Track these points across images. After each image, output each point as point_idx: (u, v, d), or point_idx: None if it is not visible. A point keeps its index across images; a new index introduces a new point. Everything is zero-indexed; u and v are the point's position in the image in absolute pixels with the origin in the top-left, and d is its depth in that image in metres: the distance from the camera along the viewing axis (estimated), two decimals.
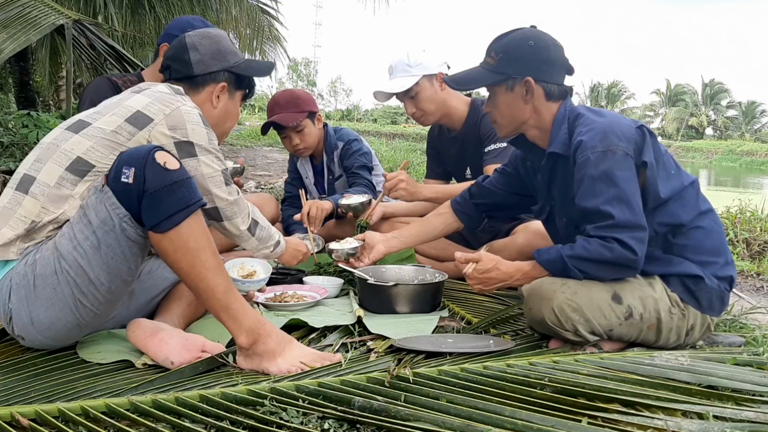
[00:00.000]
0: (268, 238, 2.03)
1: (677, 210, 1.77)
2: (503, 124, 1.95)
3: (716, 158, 35.06)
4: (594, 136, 1.73)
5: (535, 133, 1.93)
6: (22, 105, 6.98)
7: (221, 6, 8.33)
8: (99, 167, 1.61)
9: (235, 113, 2.00)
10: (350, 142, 3.10)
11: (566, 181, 1.84)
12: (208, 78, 1.88)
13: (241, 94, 1.99)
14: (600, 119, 1.78)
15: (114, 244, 1.52)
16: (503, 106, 1.90)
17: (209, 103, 1.90)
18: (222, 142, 2.04)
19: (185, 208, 1.49)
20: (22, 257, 1.56)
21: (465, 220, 2.31)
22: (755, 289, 3.05)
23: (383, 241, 2.29)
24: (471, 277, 1.89)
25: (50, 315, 1.54)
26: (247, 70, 1.95)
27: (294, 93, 3.05)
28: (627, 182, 1.68)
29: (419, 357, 1.67)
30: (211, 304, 1.55)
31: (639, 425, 1.29)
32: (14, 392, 1.41)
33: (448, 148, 2.86)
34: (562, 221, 1.94)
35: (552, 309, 1.71)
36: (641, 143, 1.74)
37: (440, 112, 2.68)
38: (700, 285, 1.76)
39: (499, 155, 2.56)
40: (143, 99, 1.69)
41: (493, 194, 2.24)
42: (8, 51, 4.22)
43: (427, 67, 2.60)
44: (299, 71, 57.05)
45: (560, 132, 1.84)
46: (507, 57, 1.85)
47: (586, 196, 1.71)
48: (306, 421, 1.30)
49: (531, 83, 1.84)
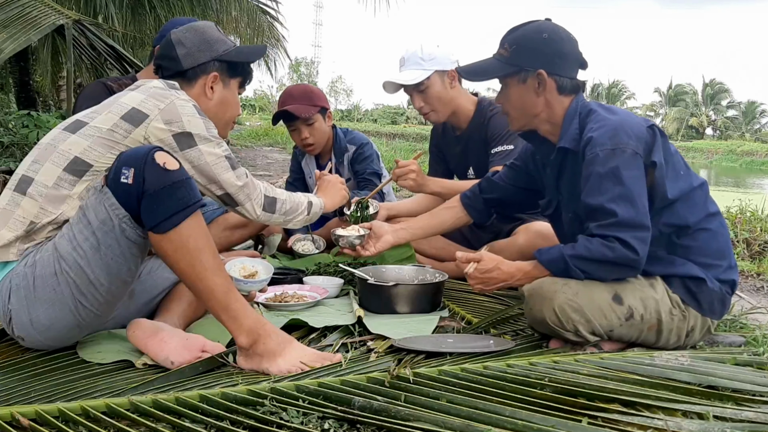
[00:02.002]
0: (295, 209, 1.96)
1: (684, 211, 1.77)
2: (515, 116, 1.94)
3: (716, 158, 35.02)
4: (604, 133, 1.72)
5: (547, 127, 1.92)
6: (22, 105, 6.99)
7: (221, 6, 8.33)
8: (97, 167, 1.60)
9: (234, 102, 1.95)
10: (363, 146, 3.09)
11: (574, 177, 1.83)
12: (198, 70, 1.84)
13: (237, 81, 1.94)
14: (611, 117, 1.78)
15: (114, 245, 1.52)
16: (515, 99, 1.89)
17: (203, 95, 1.86)
18: (227, 135, 2.01)
19: (185, 209, 1.49)
20: (21, 258, 1.56)
21: (474, 215, 2.30)
22: (755, 289, 3.06)
23: (391, 232, 2.27)
24: (472, 277, 1.89)
25: (50, 315, 1.54)
26: (237, 56, 1.91)
27: (308, 87, 3.09)
28: (634, 181, 1.68)
29: (419, 357, 1.67)
30: (211, 304, 1.55)
31: (639, 425, 1.29)
32: (14, 392, 1.41)
33: (451, 146, 2.85)
34: (568, 217, 1.93)
35: (553, 309, 1.71)
36: (651, 143, 1.74)
37: (448, 109, 2.67)
38: (701, 287, 1.76)
39: (506, 157, 2.53)
40: (138, 96, 1.68)
41: (502, 189, 2.23)
42: (8, 51, 4.23)
43: (440, 62, 2.58)
44: (300, 72, 57.07)
45: (571, 127, 1.84)
46: (520, 49, 1.84)
47: (592, 192, 1.71)
48: (306, 421, 1.30)
49: (543, 76, 1.83)
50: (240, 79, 1.95)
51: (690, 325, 1.78)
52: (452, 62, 2.62)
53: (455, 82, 2.64)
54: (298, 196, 1.99)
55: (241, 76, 1.95)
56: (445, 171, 2.97)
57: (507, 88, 1.90)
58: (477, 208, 2.29)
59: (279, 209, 1.90)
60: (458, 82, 2.67)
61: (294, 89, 3.03)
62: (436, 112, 2.66)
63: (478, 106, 2.71)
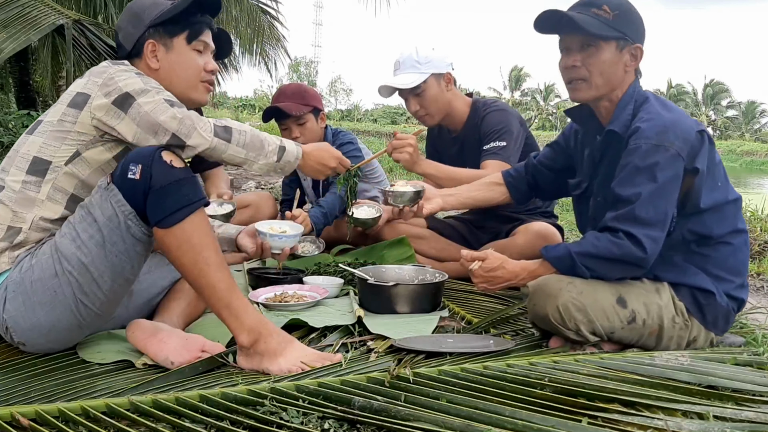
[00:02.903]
0: (258, 145, 1.69)
1: (711, 222, 1.74)
2: (597, 84, 1.78)
3: None
4: (653, 126, 1.68)
5: (607, 105, 1.83)
6: (22, 105, 6.99)
7: (221, 6, 8.32)
8: (55, 162, 1.61)
9: (186, 61, 1.78)
10: (343, 144, 3.05)
11: (614, 162, 1.78)
12: (139, 47, 1.76)
13: (182, 38, 1.77)
14: (664, 113, 1.73)
15: (119, 242, 1.53)
16: (607, 65, 1.76)
17: (148, 68, 1.76)
18: (203, 99, 1.83)
19: (189, 205, 1.51)
20: (15, 265, 1.57)
21: (515, 196, 2.26)
22: (755, 289, 3.06)
23: (441, 196, 2.24)
24: (476, 276, 1.88)
25: (50, 318, 1.55)
26: (169, 12, 1.75)
27: (302, 86, 3.06)
28: (666, 182, 1.65)
29: (419, 357, 1.67)
30: (213, 301, 1.55)
31: (639, 425, 1.29)
32: (14, 392, 1.41)
33: (448, 147, 2.85)
34: (596, 201, 1.88)
35: (556, 307, 1.70)
36: (698, 148, 1.68)
37: (444, 112, 2.66)
38: (709, 300, 1.75)
39: (497, 153, 2.53)
40: (81, 80, 1.66)
41: (540, 171, 2.18)
42: (8, 51, 4.23)
43: (436, 66, 2.58)
44: (299, 71, 57.07)
45: (625, 111, 1.78)
46: (624, 16, 1.75)
47: (623, 183, 1.68)
48: (306, 421, 1.30)
49: (641, 52, 1.76)
50: (184, 34, 1.77)
51: (692, 335, 1.77)
52: (447, 65, 2.61)
53: (451, 84, 2.64)
54: (264, 134, 1.72)
55: (184, 30, 1.77)
56: None
57: (599, 52, 1.75)
58: (519, 188, 2.24)
59: (236, 138, 1.64)
60: (453, 85, 2.66)
61: (288, 87, 3.00)
62: (431, 115, 2.66)
63: (472, 107, 2.70)
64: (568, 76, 1.82)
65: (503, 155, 2.51)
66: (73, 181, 1.64)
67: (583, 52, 1.77)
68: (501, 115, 2.61)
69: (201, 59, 1.80)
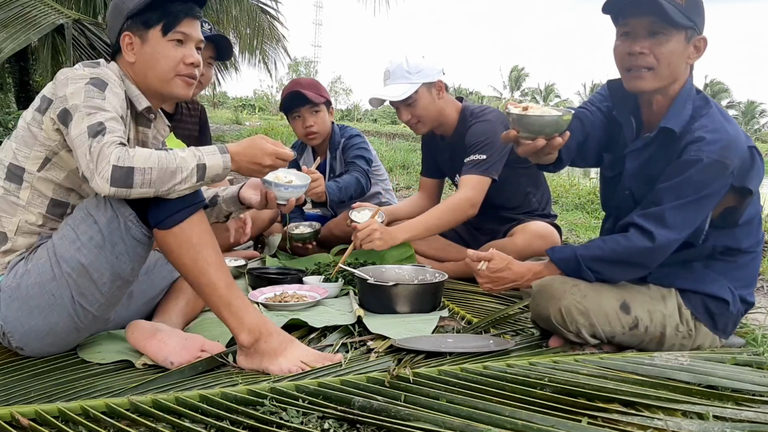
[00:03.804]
0: (169, 176, 1.45)
1: (742, 235, 1.73)
2: (662, 74, 1.66)
3: None
4: (718, 140, 1.60)
5: (660, 99, 1.71)
6: (22, 105, 6.99)
7: (221, 6, 8.33)
8: (28, 167, 1.60)
9: (163, 54, 1.66)
10: (351, 137, 3.14)
11: (657, 160, 1.71)
12: (119, 41, 1.69)
13: (157, 30, 1.65)
14: (728, 125, 1.65)
15: (119, 243, 1.53)
16: (675, 56, 1.64)
17: (126, 63, 1.69)
18: (186, 94, 1.73)
19: (189, 206, 1.52)
20: (8, 271, 1.58)
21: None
22: (755, 289, 3.05)
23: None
24: (482, 276, 1.88)
25: (48, 321, 1.55)
26: (144, 2, 1.65)
27: (315, 80, 3.15)
28: (708, 195, 1.61)
29: (419, 357, 1.67)
30: (213, 300, 1.55)
31: (639, 425, 1.29)
32: (14, 392, 1.41)
33: (441, 152, 2.84)
34: (624, 192, 1.82)
35: (559, 309, 1.70)
36: (749, 165, 1.64)
37: (435, 120, 2.64)
38: (722, 309, 1.74)
39: (476, 167, 2.50)
40: (50, 85, 1.63)
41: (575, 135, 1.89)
42: (8, 50, 4.23)
43: (427, 74, 2.54)
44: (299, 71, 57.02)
45: (684, 109, 1.68)
46: (695, 6, 1.63)
47: (672, 190, 1.63)
48: (306, 421, 1.30)
49: (705, 44, 1.67)
50: (160, 25, 1.65)
51: (696, 343, 1.76)
52: (438, 72, 2.57)
53: (442, 92, 2.60)
54: (178, 159, 1.47)
55: (160, 21, 1.66)
56: (438, 171, 2.94)
57: (669, 40, 1.62)
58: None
59: (138, 181, 1.42)
60: (445, 91, 2.64)
61: (303, 79, 3.11)
62: (424, 123, 2.63)
63: (461, 115, 2.67)
64: (631, 63, 1.67)
65: (481, 168, 2.49)
66: (50, 185, 1.62)
67: (652, 38, 1.63)
68: (485, 126, 2.57)
69: (179, 51, 1.68)
